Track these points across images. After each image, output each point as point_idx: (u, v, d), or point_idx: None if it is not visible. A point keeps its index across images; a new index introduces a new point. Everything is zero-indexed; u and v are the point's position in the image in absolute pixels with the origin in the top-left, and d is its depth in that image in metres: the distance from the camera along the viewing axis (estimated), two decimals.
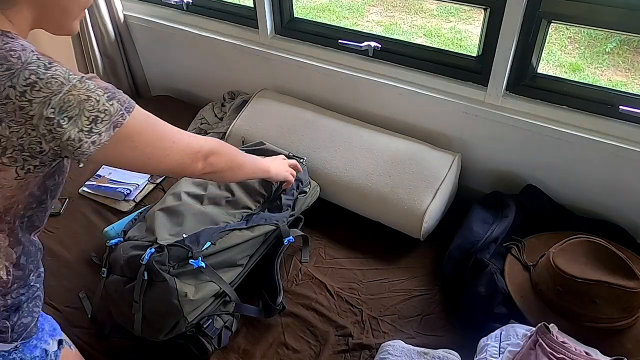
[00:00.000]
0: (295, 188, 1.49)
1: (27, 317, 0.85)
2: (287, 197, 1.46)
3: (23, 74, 0.68)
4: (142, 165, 0.86)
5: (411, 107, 1.68)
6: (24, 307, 0.85)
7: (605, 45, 3.19)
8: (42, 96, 0.68)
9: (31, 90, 0.67)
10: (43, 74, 0.69)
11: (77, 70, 0.74)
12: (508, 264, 1.34)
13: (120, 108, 0.75)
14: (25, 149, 0.70)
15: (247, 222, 1.35)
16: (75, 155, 0.74)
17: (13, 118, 0.68)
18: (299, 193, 1.50)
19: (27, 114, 0.68)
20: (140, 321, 1.17)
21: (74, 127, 0.70)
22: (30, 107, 0.68)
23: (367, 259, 1.49)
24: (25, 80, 0.67)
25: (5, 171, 0.71)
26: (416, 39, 3.39)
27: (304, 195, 1.53)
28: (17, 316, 0.83)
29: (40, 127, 0.69)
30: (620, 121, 1.38)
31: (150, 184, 1.76)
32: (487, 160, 1.65)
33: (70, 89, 0.70)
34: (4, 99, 0.67)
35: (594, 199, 1.52)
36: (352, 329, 1.29)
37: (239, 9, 1.96)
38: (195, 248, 1.20)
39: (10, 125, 0.68)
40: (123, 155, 0.80)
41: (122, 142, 0.77)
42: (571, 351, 1.01)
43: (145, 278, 1.16)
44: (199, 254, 1.20)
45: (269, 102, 1.84)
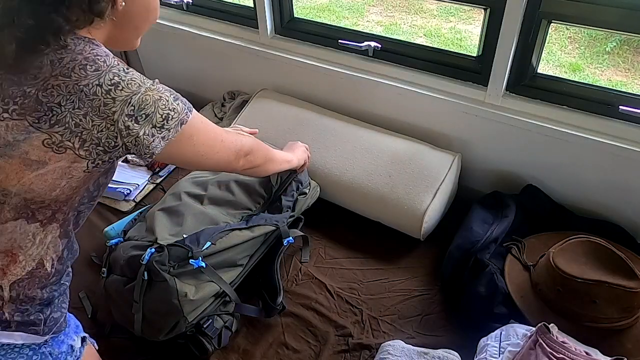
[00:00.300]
0: (295, 189, 1.49)
1: (57, 312, 0.88)
2: (287, 199, 1.46)
3: (108, 75, 0.76)
4: (196, 161, 0.95)
5: (411, 107, 1.68)
6: (55, 302, 0.88)
7: (605, 45, 3.19)
8: (124, 95, 0.76)
9: (115, 89, 0.76)
10: (124, 76, 0.77)
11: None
12: (508, 264, 1.34)
13: (184, 107, 0.85)
14: (101, 144, 0.77)
15: (247, 222, 1.35)
16: (145, 151, 0.81)
17: (97, 113, 0.75)
18: (299, 194, 1.50)
19: (109, 110, 0.75)
20: (140, 321, 1.17)
21: (148, 123, 0.79)
22: (113, 104, 0.75)
23: (367, 259, 1.49)
24: (110, 80, 0.76)
25: (79, 163, 0.77)
26: (416, 39, 3.39)
27: (304, 196, 1.53)
28: (50, 310, 0.86)
29: (120, 122, 0.76)
30: (620, 121, 1.38)
31: (150, 184, 1.76)
32: (487, 160, 1.65)
33: (147, 90, 0.79)
34: (91, 95, 0.75)
35: (593, 199, 1.52)
36: (352, 329, 1.29)
37: (239, 9, 1.96)
38: (196, 248, 1.20)
39: (93, 119, 0.75)
40: (183, 151, 0.89)
41: (184, 139, 0.86)
42: (571, 351, 1.01)
43: (145, 278, 1.16)
44: (199, 254, 1.20)
45: (269, 102, 1.84)
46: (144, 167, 1.81)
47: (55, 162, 0.75)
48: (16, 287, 0.80)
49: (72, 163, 0.77)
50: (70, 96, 0.74)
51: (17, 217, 0.78)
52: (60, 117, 0.74)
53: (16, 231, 0.79)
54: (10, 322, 0.80)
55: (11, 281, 0.80)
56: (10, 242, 0.79)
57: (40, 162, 0.75)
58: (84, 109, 0.74)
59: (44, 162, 0.75)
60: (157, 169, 1.80)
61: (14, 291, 0.80)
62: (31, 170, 0.75)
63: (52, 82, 0.74)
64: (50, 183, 0.77)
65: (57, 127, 0.74)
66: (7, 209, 0.77)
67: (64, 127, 0.74)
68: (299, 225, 1.53)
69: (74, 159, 0.76)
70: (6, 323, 0.80)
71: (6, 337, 0.80)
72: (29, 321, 0.82)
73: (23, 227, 0.79)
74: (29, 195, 0.77)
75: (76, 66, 0.75)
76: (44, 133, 0.74)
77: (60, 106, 0.74)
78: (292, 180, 1.47)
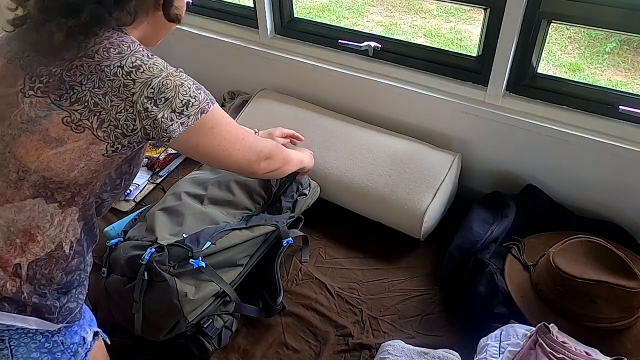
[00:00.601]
0: (295, 190, 1.49)
1: (73, 302, 0.89)
2: (286, 200, 1.46)
3: (131, 58, 0.79)
4: (216, 156, 0.96)
5: (411, 107, 1.68)
6: (72, 292, 0.89)
7: (605, 45, 3.19)
8: (144, 77, 0.79)
9: (136, 71, 0.79)
10: (147, 60, 0.81)
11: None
12: (508, 264, 1.34)
13: (206, 97, 0.87)
14: (119, 125, 0.79)
15: (247, 222, 1.35)
16: (163, 134, 0.82)
17: (116, 93, 0.78)
18: (298, 195, 1.50)
19: (129, 91, 0.78)
20: (140, 321, 1.17)
21: (168, 107, 0.81)
22: (133, 85, 0.78)
23: (367, 259, 1.49)
24: (132, 63, 0.79)
25: (98, 145, 0.79)
26: (416, 39, 3.39)
27: (304, 197, 1.53)
28: (66, 299, 0.88)
29: (139, 104, 0.78)
30: (620, 121, 1.38)
31: (150, 184, 1.76)
32: (487, 160, 1.65)
33: (168, 75, 0.81)
34: (112, 76, 0.78)
35: (593, 199, 1.52)
36: (352, 328, 1.29)
37: (239, 9, 1.97)
38: (195, 248, 1.20)
39: (112, 99, 0.77)
40: (203, 142, 0.90)
41: (204, 129, 0.88)
42: (571, 351, 1.01)
43: (145, 278, 1.16)
44: (199, 254, 1.20)
45: (269, 102, 1.84)
46: (144, 167, 1.81)
47: (73, 141, 0.77)
48: (34, 267, 0.82)
49: (90, 144, 0.78)
50: (92, 75, 0.77)
51: (35, 195, 0.80)
52: (80, 96, 0.77)
53: (35, 210, 0.80)
54: (27, 304, 0.82)
55: (30, 260, 0.81)
56: (28, 221, 0.80)
57: (59, 139, 0.77)
58: (104, 89, 0.77)
59: (63, 140, 0.77)
60: (157, 169, 1.80)
61: (31, 270, 0.82)
62: (50, 147, 0.77)
63: (76, 63, 0.78)
64: (68, 163, 0.78)
65: (77, 105, 0.77)
66: (27, 185, 0.79)
67: (83, 106, 0.77)
68: (299, 225, 1.53)
69: (92, 139, 0.78)
70: (23, 306, 0.81)
71: (21, 321, 0.81)
72: (45, 306, 0.83)
73: (41, 206, 0.81)
74: (48, 174, 0.79)
75: (100, 49, 0.79)
76: (64, 110, 0.77)
77: (81, 85, 0.77)
78: (292, 182, 1.47)
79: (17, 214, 0.80)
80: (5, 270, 0.80)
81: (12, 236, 0.80)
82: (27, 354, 0.83)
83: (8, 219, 0.79)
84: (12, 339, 0.81)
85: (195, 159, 1.00)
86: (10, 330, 0.81)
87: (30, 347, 0.83)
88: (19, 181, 0.79)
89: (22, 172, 0.78)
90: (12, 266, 0.80)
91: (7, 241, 0.80)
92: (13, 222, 0.79)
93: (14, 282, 0.80)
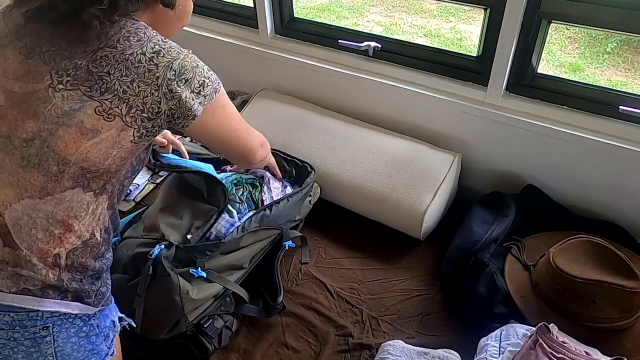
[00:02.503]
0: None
1: (104, 286, 0.93)
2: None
3: (149, 44, 0.83)
4: (227, 137, 1.01)
5: (411, 107, 1.68)
6: (102, 276, 0.93)
7: (606, 45, 3.19)
8: (166, 61, 0.82)
9: (157, 56, 0.82)
10: (163, 44, 0.84)
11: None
12: (508, 264, 1.34)
13: (216, 78, 0.91)
14: (145, 110, 0.82)
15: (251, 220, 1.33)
16: (188, 114, 0.86)
17: (142, 79, 0.81)
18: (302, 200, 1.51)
19: (153, 75, 0.81)
20: (141, 316, 1.17)
21: (188, 87, 0.85)
22: (157, 69, 0.82)
23: (367, 259, 1.49)
24: (152, 48, 0.82)
25: (126, 131, 0.82)
26: (416, 39, 3.39)
27: (310, 196, 1.53)
28: (99, 283, 0.91)
29: (164, 86, 0.82)
30: (620, 121, 1.38)
31: (151, 184, 1.76)
32: (487, 160, 1.65)
33: (185, 56, 0.85)
34: (136, 63, 0.81)
35: (594, 199, 1.52)
36: (352, 328, 1.29)
37: (239, 9, 1.97)
38: (201, 258, 1.21)
39: (139, 85, 0.81)
40: (217, 121, 0.95)
41: (218, 108, 0.93)
42: (571, 351, 1.01)
43: (150, 272, 1.16)
44: (203, 264, 1.21)
45: (269, 102, 1.84)
46: (145, 167, 1.81)
47: (106, 130, 0.80)
48: (71, 256, 0.84)
49: (121, 131, 0.81)
50: (118, 65, 0.80)
51: (74, 185, 0.82)
52: (110, 85, 0.80)
53: (73, 200, 0.83)
54: (68, 290, 0.84)
55: (68, 249, 0.84)
56: (67, 211, 0.83)
57: (94, 130, 0.80)
58: (131, 76, 0.80)
59: (98, 131, 0.80)
60: (157, 169, 1.80)
61: (70, 259, 0.84)
62: (87, 138, 0.80)
63: (100, 54, 0.80)
64: (104, 152, 0.82)
65: (107, 94, 0.80)
66: (66, 177, 0.81)
67: (112, 94, 0.80)
68: (298, 226, 1.53)
69: (122, 126, 0.81)
70: (64, 292, 0.84)
71: (65, 306, 0.84)
72: (84, 290, 0.87)
73: (79, 195, 0.83)
74: (86, 164, 0.81)
75: (120, 38, 0.82)
76: (96, 101, 0.79)
77: (109, 74, 0.80)
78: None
79: (57, 206, 0.82)
80: (46, 261, 0.82)
81: (51, 227, 0.82)
82: (67, 339, 0.86)
83: (47, 211, 0.81)
84: (55, 325, 0.84)
85: (208, 143, 1.08)
86: (54, 317, 0.84)
87: (70, 332, 0.86)
88: (59, 174, 0.81)
89: (62, 165, 0.81)
90: (52, 256, 0.82)
91: (46, 233, 0.82)
92: (52, 214, 0.82)
93: (54, 272, 0.83)
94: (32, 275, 0.81)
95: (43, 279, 0.82)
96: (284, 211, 1.40)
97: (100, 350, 0.92)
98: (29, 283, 0.81)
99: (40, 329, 0.83)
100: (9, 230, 0.80)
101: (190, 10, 0.98)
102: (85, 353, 0.89)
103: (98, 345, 0.91)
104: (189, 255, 1.20)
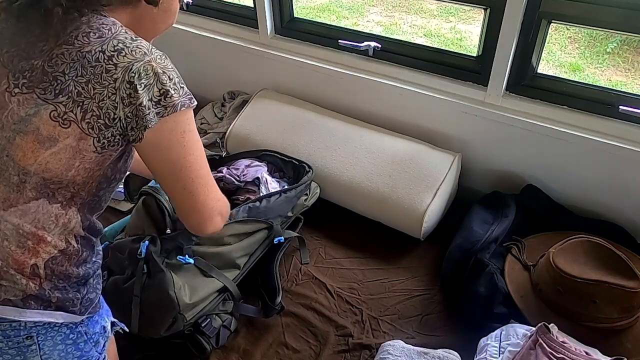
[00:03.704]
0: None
1: (92, 292, 0.89)
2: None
3: (112, 42, 0.75)
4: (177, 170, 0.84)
5: (411, 107, 1.68)
6: (90, 282, 0.89)
7: (606, 46, 3.19)
8: (126, 61, 0.75)
9: (118, 55, 0.75)
10: (130, 43, 0.76)
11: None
12: (508, 264, 1.34)
13: (185, 94, 0.80)
14: (101, 115, 0.75)
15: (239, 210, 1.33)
16: (141, 124, 0.77)
17: (99, 80, 0.74)
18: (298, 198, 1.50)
19: (111, 77, 0.74)
20: (137, 316, 1.17)
21: (146, 94, 0.76)
22: (115, 70, 0.74)
23: (367, 259, 1.49)
24: (114, 47, 0.75)
25: (85, 140, 0.76)
26: (416, 39, 3.39)
27: (305, 197, 1.53)
28: (86, 290, 0.87)
29: (121, 90, 0.74)
30: (620, 121, 1.38)
31: None
32: (487, 160, 1.65)
33: (151, 60, 0.76)
34: (94, 62, 0.74)
35: (594, 199, 1.52)
36: (352, 328, 1.29)
37: (239, 9, 1.97)
38: (187, 244, 1.21)
39: (95, 87, 0.74)
40: (169, 142, 0.81)
41: (178, 129, 0.81)
42: (571, 351, 1.01)
43: (145, 271, 1.17)
44: (190, 250, 1.20)
45: (269, 102, 1.84)
46: None
47: (64, 138, 0.75)
48: (50, 265, 0.82)
49: (79, 140, 0.76)
50: (74, 63, 0.74)
51: (38, 196, 0.79)
52: (64, 86, 0.74)
53: (39, 211, 0.80)
54: (51, 300, 0.82)
55: (45, 259, 0.81)
56: (34, 223, 0.80)
57: (51, 138, 0.75)
58: (87, 77, 0.74)
59: (55, 139, 0.75)
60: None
61: (49, 269, 0.82)
62: (45, 148, 0.76)
63: (56, 52, 0.74)
64: (64, 162, 0.77)
65: (61, 96, 0.74)
66: (29, 187, 0.78)
67: (67, 97, 0.74)
68: (298, 226, 1.53)
69: (79, 135, 0.76)
70: (47, 302, 0.82)
71: (48, 316, 0.82)
72: (68, 299, 0.84)
73: (45, 207, 0.80)
74: (47, 175, 0.78)
75: (80, 34, 0.75)
76: (50, 104, 0.74)
77: (64, 74, 0.74)
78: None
79: (23, 217, 0.79)
80: (23, 272, 0.80)
81: (23, 239, 0.79)
82: (54, 346, 0.84)
83: (14, 223, 0.79)
84: (40, 334, 0.82)
85: (154, 168, 0.86)
86: (38, 326, 0.82)
87: (56, 340, 0.85)
88: (20, 184, 0.78)
89: (22, 175, 0.77)
90: (29, 267, 0.80)
91: (19, 244, 0.79)
92: (20, 226, 0.79)
93: (35, 282, 0.81)
94: (13, 286, 0.79)
95: (24, 289, 0.79)
96: (275, 205, 1.39)
97: (90, 356, 0.90)
98: (9, 294, 0.79)
99: (24, 338, 0.81)
100: None
101: (177, 9, 0.91)
102: None
103: (87, 351, 0.89)
104: (175, 243, 1.20)
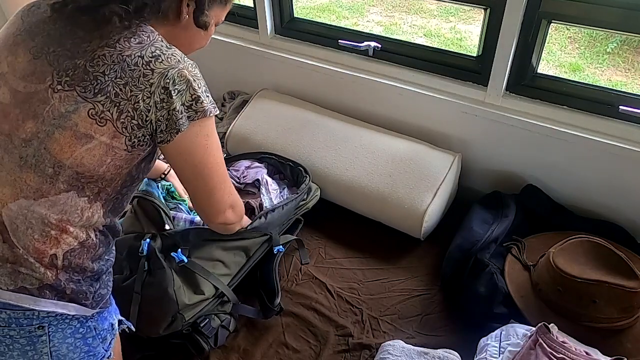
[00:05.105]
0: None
1: (103, 288, 0.92)
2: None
3: (150, 48, 0.81)
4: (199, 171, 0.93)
5: (411, 107, 1.68)
6: (102, 278, 0.92)
7: (606, 46, 3.18)
8: (162, 67, 0.81)
9: (155, 61, 0.81)
10: (166, 50, 0.82)
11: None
12: (508, 264, 1.34)
13: (212, 101, 0.88)
14: (135, 116, 0.80)
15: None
16: (173, 127, 0.83)
17: (136, 83, 0.79)
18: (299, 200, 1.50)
19: (148, 81, 0.80)
20: (136, 315, 1.17)
21: (179, 99, 0.82)
22: (152, 75, 0.80)
23: (367, 259, 1.49)
24: (152, 53, 0.81)
25: (118, 138, 0.81)
26: (416, 39, 3.39)
27: (304, 201, 1.53)
28: (98, 285, 0.91)
29: (156, 94, 0.80)
30: (620, 121, 1.38)
31: None
32: (487, 160, 1.65)
33: (184, 67, 0.83)
34: (133, 66, 0.79)
35: (594, 199, 1.52)
36: (352, 328, 1.29)
37: (239, 9, 1.96)
38: (184, 244, 1.21)
39: (132, 89, 0.79)
40: (196, 145, 0.89)
41: (201, 132, 0.88)
42: (571, 351, 1.01)
43: (146, 268, 1.17)
44: (186, 251, 1.21)
45: (269, 102, 1.84)
46: None
47: (99, 135, 0.80)
48: (68, 257, 0.85)
49: (113, 138, 0.81)
50: (114, 65, 0.79)
51: (69, 189, 0.82)
52: (103, 86, 0.78)
53: (67, 203, 0.83)
54: (65, 291, 0.85)
55: (65, 250, 0.84)
56: (60, 215, 0.83)
57: (88, 135, 0.79)
58: (125, 79, 0.79)
59: (91, 136, 0.80)
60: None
61: (67, 260, 0.85)
62: (81, 144, 0.80)
63: (98, 53, 0.80)
64: (98, 158, 0.81)
65: (100, 95, 0.79)
66: (61, 180, 0.82)
67: (105, 97, 0.79)
68: (298, 227, 1.53)
69: (113, 133, 0.80)
70: (62, 293, 0.84)
71: (61, 307, 0.84)
72: (81, 291, 0.87)
73: (74, 199, 0.83)
74: (81, 169, 0.81)
75: (121, 38, 0.81)
76: (89, 103, 0.79)
77: (104, 75, 0.79)
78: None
79: (51, 208, 0.82)
80: (42, 262, 0.82)
81: (47, 228, 0.82)
82: (63, 339, 0.86)
83: (41, 213, 0.82)
84: (51, 325, 0.84)
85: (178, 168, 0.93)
86: (50, 317, 0.84)
87: (66, 333, 0.87)
88: (54, 176, 0.81)
89: (57, 168, 0.81)
90: (48, 257, 0.83)
91: (42, 233, 0.82)
92: (46, 216, 0.82)
93: (52, 271, 0.83)
94: (31, 274, 0.82)
95: (41, 278, 0.82)
96: (277, 219, 1.40)
97: (97, 352, 0.92)
98: (26, 282, 0.82)
99: (36, 327, 0.83)
100: (6, 227, 0.81)
101: (213, 32, 1.00)
102: (81, 355, 0.89)
103: (95, 347, 0.91)
104: (173, 240, 1.20)
